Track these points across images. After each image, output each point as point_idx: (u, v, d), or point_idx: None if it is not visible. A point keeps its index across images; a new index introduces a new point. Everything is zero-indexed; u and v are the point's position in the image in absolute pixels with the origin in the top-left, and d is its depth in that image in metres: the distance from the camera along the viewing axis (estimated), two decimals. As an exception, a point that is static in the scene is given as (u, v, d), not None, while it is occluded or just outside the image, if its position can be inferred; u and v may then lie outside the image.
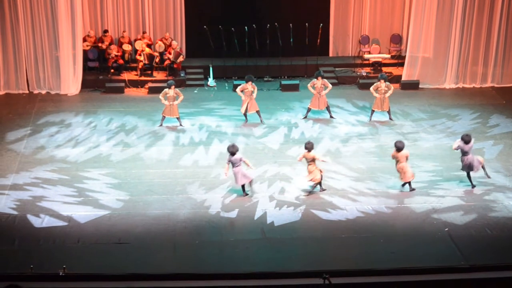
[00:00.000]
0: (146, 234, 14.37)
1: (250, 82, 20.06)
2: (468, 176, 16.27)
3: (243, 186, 15.85)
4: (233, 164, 15.69)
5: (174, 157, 17.97)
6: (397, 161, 16.00)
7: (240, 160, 15.69)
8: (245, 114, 20.18)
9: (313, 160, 15.82)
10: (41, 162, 17.57)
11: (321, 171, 15.88)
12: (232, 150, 15.66)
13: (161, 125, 19.97)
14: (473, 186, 16.25)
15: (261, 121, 20.25)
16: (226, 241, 14.23)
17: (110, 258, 13.56)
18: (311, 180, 15.90)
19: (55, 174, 16.91)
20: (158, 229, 14.55)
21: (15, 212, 15.07)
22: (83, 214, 15.05)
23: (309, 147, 15.86)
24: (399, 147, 15.97)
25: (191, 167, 17.42)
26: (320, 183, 16.00)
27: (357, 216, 15.14)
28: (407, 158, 15.94)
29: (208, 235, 14.46)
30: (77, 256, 13.53)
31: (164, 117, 19.96)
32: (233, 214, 15.19)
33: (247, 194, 15.86)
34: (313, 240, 14.32)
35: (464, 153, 16.09)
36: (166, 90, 19.89)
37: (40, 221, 14.74)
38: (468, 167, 16.13)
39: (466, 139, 16.05)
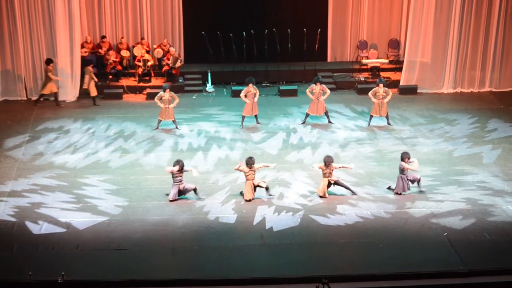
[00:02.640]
0: (145, 240, 14.35)
1: (251, 85, 20.16)
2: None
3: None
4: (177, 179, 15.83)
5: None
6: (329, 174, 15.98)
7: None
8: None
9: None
10: (40, 169, 17.56)
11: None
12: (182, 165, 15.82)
13: (157, 128, 20.05)
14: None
15: (257, 122, 20.43)
16: (225, 246, 14.21)
17: (109, 265, 13.54)
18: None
19: (53, 181, 16.90)
20: (157, 235, 14.53)
21: (13, 219, 15.04)
22: (81, 220, 15.03)
23: (251, 162, 15.91)
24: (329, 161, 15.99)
25: (189, 173, 17.39)
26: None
27: (356, 221, 15.14)
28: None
29: (207, 240, 14.45)
30: (75, 263, 13.51)
31: (160, 120, 20.03)
32: (232, 219, 15.18)
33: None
34: (312, 245, 14.31)
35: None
36: (161, 93, 19.98)
37: (39, 228, 14.71)
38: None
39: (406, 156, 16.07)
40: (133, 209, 15.55)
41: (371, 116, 20.52)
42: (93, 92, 22.02)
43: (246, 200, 15.89)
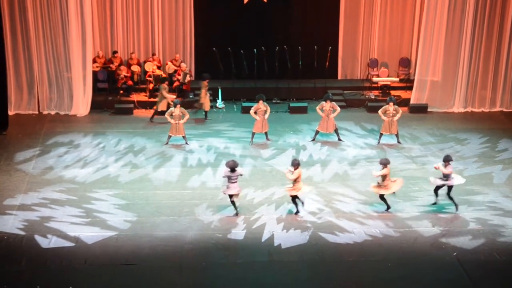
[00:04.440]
0: (153, 255, 14.35)
1: (261, 101, 20.21)
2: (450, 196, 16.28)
3: (233, 203, 15.93)
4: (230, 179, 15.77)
5: (182, 179, 17.99)
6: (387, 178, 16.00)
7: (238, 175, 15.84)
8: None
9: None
10: (50, 183, 17.61)
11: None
12: (233, 166, 15.71)
13: (167, 143, 20.12)
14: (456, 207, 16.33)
15: (267, 138, 20.44)
16: (233, 263, 14.19)
17: (117, 279, 13.54)
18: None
19: (63, 195, 16.94)
20: (165, 251, 14.53)
21: (22, 233, 15.08)
22: (90, 235, 15.05)
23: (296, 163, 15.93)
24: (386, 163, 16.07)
25: (198, 189, 17.42)
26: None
27: (364, 240, 15.08)
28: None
29: (215, 257, 14.42)
30: (83, 277, 13.52)
31: (170, 136, 20.09)
32: (240, 236, 15.16)
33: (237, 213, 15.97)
34: (320, 263, 14.26)
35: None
36: (172, 109, 20.07)
37: (48, 242, 14.73)
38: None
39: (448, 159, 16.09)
40: (141, 224, 15.55)
41: (381, 134, 20.51)
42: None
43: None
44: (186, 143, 20.20)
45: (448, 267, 14.06)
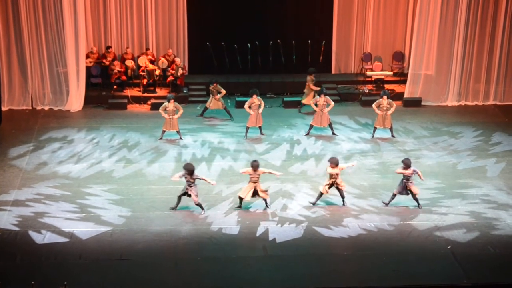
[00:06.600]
0: (147, 250, 14.35)
1: (255, 96, 20.22)
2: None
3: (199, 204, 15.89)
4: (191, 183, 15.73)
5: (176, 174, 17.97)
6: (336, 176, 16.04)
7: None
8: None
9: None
10: (44, 178, 17.58)
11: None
12: (191, 169, 15.66)
13: (161, 138, 20.10)
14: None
15: (261, 133, 20.44)
16: (228, 258, 14.20)
17: (112, 275, 13.54)
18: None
19: (57, 190, 16.92)
20: (160, 246, 14.53)
21: (17, 228, 15.06)
22: (84, 230, 15.04)
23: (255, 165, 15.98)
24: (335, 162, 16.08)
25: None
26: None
27: (359, 233, 15.11)
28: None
29: (209, 251, 14.43)
30: (78, 273, 13.52)
31: (164, 131, 20.07)
32: (235, 230, 15.17)
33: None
34: (315, 257, 14.29)
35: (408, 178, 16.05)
36: (165, 104, 20.04)
37: (42, 237, 14.72)
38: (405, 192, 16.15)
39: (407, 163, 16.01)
40: (136, 219, 15.55)
41: (375, 128, 20.53)
42: (308, 100, 22.11)
43: (240, 197, 15.90)
44: (180, 138, 20.18)
45: (442, 260, 14.10)
